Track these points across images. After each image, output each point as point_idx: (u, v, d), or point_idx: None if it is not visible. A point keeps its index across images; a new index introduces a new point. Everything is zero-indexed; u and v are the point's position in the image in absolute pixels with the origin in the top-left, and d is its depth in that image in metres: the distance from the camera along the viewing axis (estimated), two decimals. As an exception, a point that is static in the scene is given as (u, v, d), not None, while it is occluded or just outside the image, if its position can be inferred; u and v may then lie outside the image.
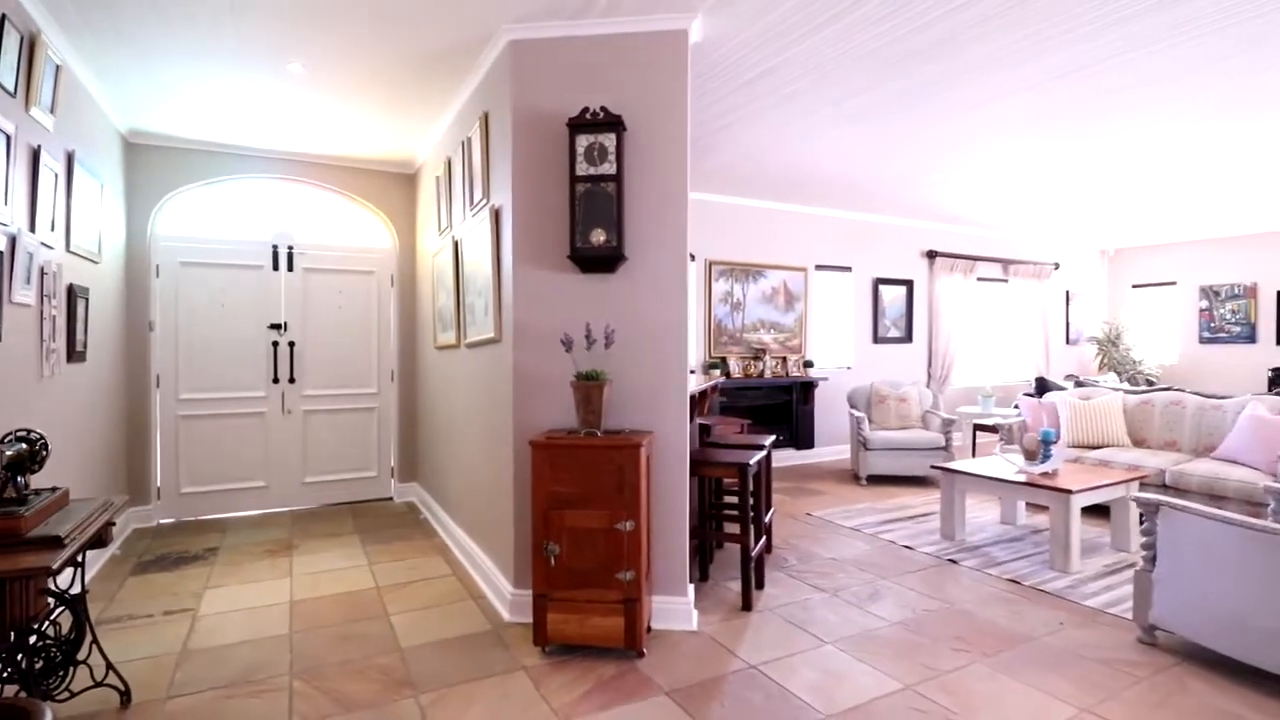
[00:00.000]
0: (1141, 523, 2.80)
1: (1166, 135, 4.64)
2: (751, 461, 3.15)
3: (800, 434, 6.90)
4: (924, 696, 2.37)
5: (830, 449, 7.17)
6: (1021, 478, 3.95)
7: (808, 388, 6.89)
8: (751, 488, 3.45)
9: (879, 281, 7.65)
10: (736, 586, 3.41)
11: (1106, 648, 2.75)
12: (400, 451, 5.53)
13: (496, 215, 3.31)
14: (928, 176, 5.83)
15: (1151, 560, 2.75)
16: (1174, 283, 9.20)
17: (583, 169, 2.99)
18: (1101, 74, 3.59)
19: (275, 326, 5.10)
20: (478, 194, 3.62)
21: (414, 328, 5.55)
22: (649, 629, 2.90)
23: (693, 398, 3.74)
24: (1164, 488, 4.32)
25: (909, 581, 3.51)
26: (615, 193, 2.99)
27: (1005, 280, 8.72)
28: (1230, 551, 2.47)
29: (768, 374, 6.65)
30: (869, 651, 2.72)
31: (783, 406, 6.86)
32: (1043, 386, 6.75)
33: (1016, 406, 6.08)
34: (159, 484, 4.79)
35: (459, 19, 3.04)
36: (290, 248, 5.16)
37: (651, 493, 2.93)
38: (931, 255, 8.02)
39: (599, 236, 2.99)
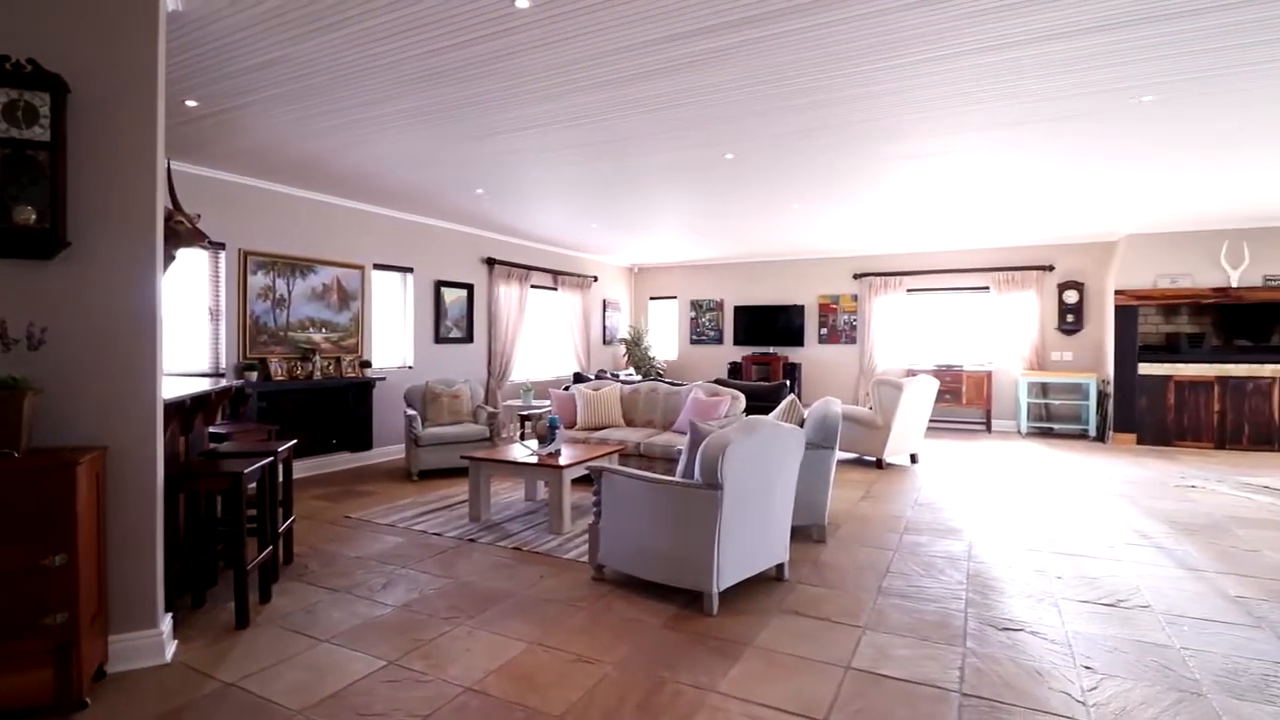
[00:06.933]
0: (594, 485, 3.57)
1: (661, 179, 5.97)
2: (247, 471, 2.99)
3: (356, 436, 6.75)
4: (403, 667, 2.61)
5: (390, 448, 7.20)
6: (534, 459, 4.62)
7: (365, 388, 6.78)
8: (256, 498, 3.29)
9: (440, 284, 7.97)
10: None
11: (568, 589, 3.44)
12: None
13: None
14: (472, 190, 6.33)
15: (599, 514, 3.53)
16: (675, 297, 11.82)
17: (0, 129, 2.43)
18: (611, 122, 4.37)
19: None
20: None
21: None
22: (102, 673, 2.52)
23: (193, 404, 3.37)
24: (640, 456, 5.55)
25: (426, 565, 3.79)
26: (52, 165, 2.51)
27: (555, 289, 9.98)
28: (639, 499, 3.33)
29: (318, 375, 6.33)
30: (365, 639, 2.86)
31: (337, 408, 6.61)
32: (580, 379, 7.95)
33: (549, 398, 7.04)
34: None
35: None
36: None
37: (105, 517, 2.55)
38: (491, 263, 8.70)
39: (25, 215, 2.47)
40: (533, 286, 9.44)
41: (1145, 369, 8.03)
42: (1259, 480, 6.04)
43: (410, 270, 7.60)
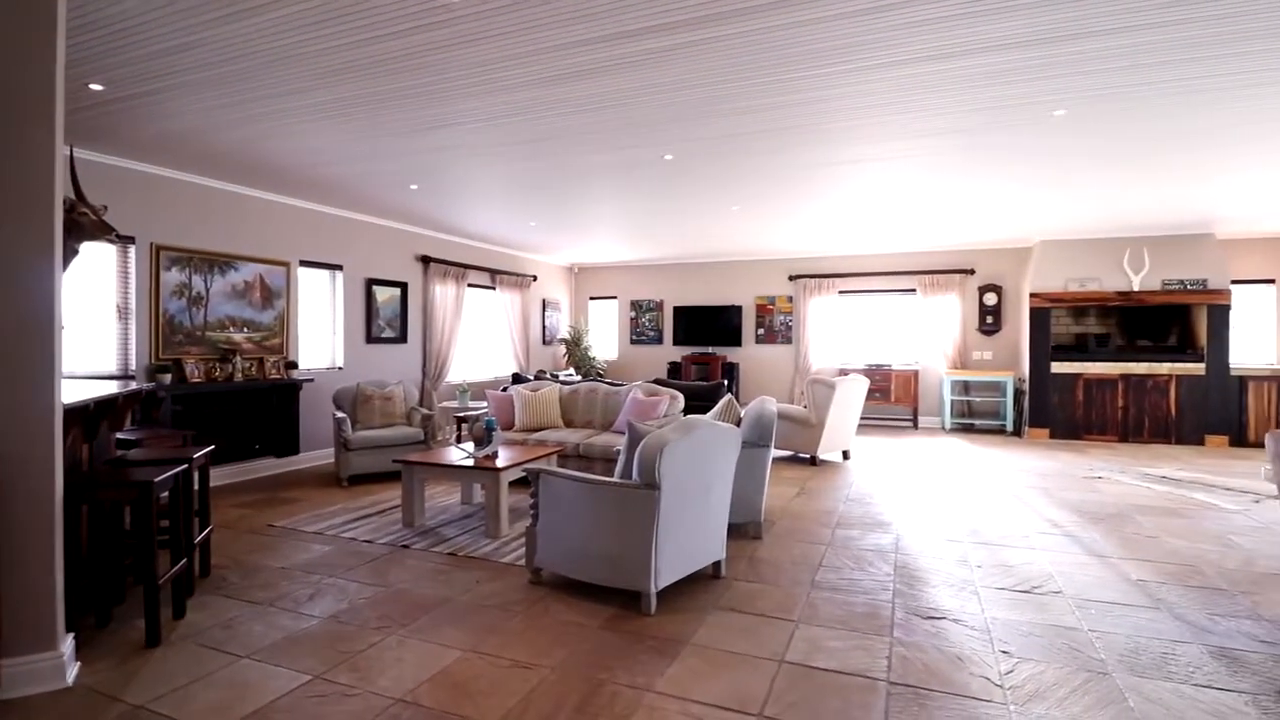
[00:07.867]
0: (531, 487, 3.53)
1: (599, 178, 5.94)
2: (158, 479, 2.82)
3: (281, 440, 6.46)
4: (329, 681, 2.51)
5: (319, 453, 6.92)
6: (470, 461, 4.52)
7: (290, 390, 6.49)
8: (169, 507, 3.11)
9: (372, 282, 7.71)
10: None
11: (504, 594, 3.38)
12: None
13: None
14: (406, 186, 6.15)
15: (536, 516, 3.49)
16: (615, 297, 11.82)
17: None
18: (546, 121, 4.31)
19: None
20: None
21: None
22: (-8, 702, 2.33)
23: (98, 408, 3.15)
24: (579, 457, 5.51)
25: (356, 574, 3.66)
26: (-70, 149, 2.30)
27: (493, 288, 9.81)
28: (577, 500, 3.31)
29: (239, 377, 6.02)
30: (288, 653, 2.74)
31: (260, 412, 6.30)
32: (519, 380, 7.83)
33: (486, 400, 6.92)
34: None
35: None
36: None
37: (-6, 532, 2.35)
38: (426, 260, 8.48)
39: (-102, 203, 2.25)
40: (470, 285, 9.25)
41: (1057, 367, 8.53)
42: (1158, 471, 6.51)
43: (340, 268, 7.32)
